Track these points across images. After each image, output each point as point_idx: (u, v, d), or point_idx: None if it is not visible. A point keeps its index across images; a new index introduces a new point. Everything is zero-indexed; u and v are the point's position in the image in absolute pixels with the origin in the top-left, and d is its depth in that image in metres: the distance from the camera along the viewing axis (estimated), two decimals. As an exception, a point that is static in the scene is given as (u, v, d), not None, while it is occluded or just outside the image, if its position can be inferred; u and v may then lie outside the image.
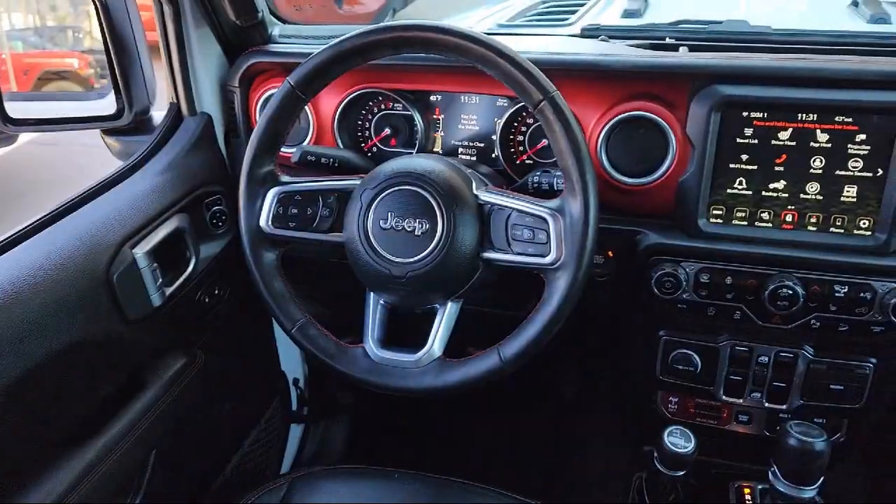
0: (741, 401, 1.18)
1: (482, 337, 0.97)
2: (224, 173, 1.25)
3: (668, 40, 1.19)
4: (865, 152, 0.98)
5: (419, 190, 0.93)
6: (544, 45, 1.18)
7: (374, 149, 1.25)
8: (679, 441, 1.11)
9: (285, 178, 1.01)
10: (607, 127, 1.06)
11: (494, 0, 2.11)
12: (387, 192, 0.94)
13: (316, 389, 1.73)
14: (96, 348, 0.96)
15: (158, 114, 1.26)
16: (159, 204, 1.09)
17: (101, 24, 1.15)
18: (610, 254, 1.11)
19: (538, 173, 1.06)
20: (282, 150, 1.19)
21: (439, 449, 1.78)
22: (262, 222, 1.00)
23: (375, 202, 0.94)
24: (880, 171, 0.98)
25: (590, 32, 1.23)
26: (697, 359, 1.16)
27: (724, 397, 1.18)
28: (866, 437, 1.21)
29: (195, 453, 1.30)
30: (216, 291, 1.23)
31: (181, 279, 1.12)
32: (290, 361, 1.63)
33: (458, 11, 2.08)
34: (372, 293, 1.01)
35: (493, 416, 1.81)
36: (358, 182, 0.98)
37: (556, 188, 1.02)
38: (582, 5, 1.78)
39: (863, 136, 0.97)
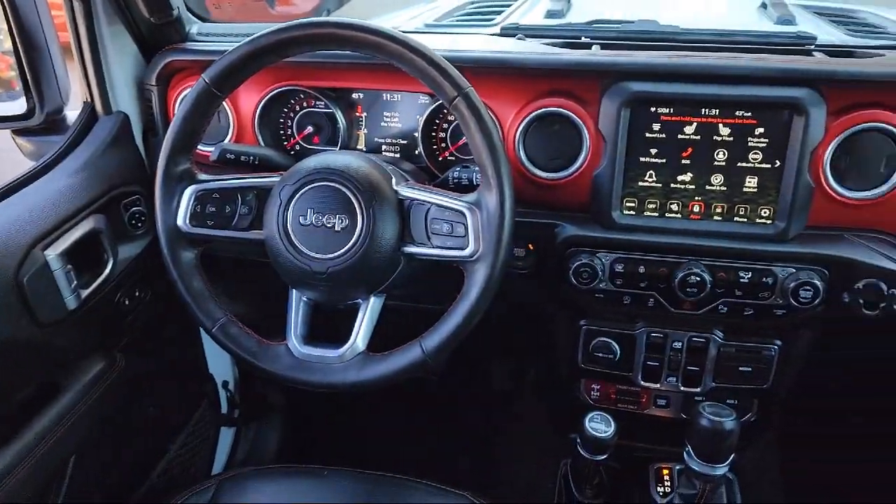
0: (658, 385, 1.23)
1: (410, 333, 0.98)
2: (143, 173, 1.23)
3: (583, 39, 1.23)
4: (764, 145, 1.03)
5: (338, 186, 0.94)
6: (462, 43, 1.20)
7: (297, 147, 1.25)
8: (600, 426, 1.15)
9: (203, 176, 1.00)
10: (524, 123, 1.09)
11: (428, 2, 2.14)
12: (306, 188, 0.94)
13: (247, 391, 1.72)
14: (7, 352, 0.94)
15: (73, 113, 1.23)
16: (73, 205, 1.06)
17: (7, 21, 1.12)
18: (530, 247, 1.14)
19: (458, 169, 1.08)
20: (201, 148, 1.19)
21: (375, 446, 1.78)
22: (180, 221, 0.99)
23: (295, 199, 0.95)
24: (778, 163, 1.03)
25: (508, 31, 1.26)
26: (616, 346, 1.21)
27: (642, 382, 1.23)
28: (776, 417, 1.28)
29: (118, 458, 1.27)
30: (137, 293, 1.20)
31: (98, 281, 1.09)
32: (219, 364, 1.61)
33: (391, 12, 2.09)
34: (294, 290, 1.01)
35: (428, 412, 1.83)
36: (277, 179, 0.98)
37: (474, 183, 1.05)
38: (508, 6, 1.82)
39: (761, 130, 1.03)
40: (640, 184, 1.08)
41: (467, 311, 0.93)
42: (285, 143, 1.25)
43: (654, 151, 1.07)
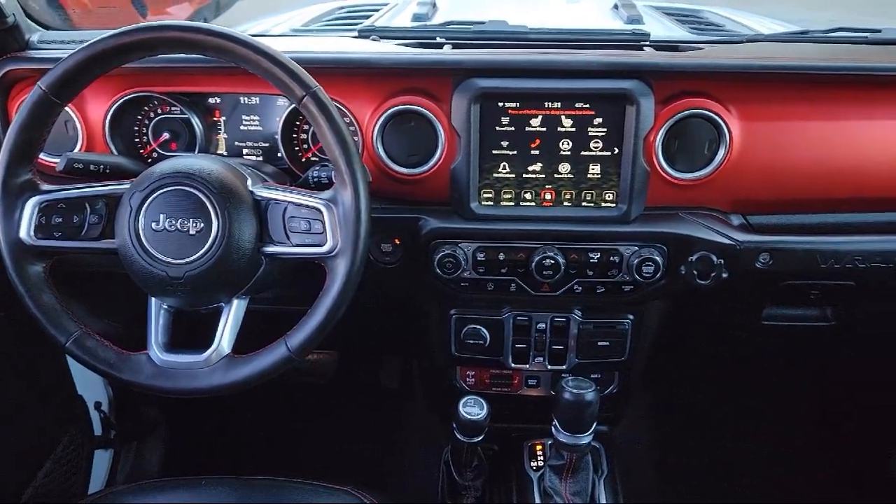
0: (528, 366, 1.30)
1: (280, 335, 0.99)
2: None
3: (437, 39, 1.27)
4: (603, 134, 1.11)
5: (190, 189, 0.93)
6: (317, 45, 1.22)
7: (155, 154, 1.22)
8: (473, 409, 1.19)
9: (46, 187, 0.97)
10: (380, 121, 1.12)
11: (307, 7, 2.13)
12: (157, 193, 0.93)
13: (124, 410, 1.65)
14: None
15: None
16: None
17: None
18: (397, 241, 1.17)
19: (317, 168, 1.10)
20: (48, 159, 1.15)
21: (264, 452, 1.77)
22: (23, 234, 0.95)
23: (146, 205, 0.93)
24: (616, 150, 1.11)
25: (364, 33, 1.29)
26: (486, 332, 1.26)
27: (512, 365, 1.30)
28: (635, 388, 1.38)
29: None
30: (-16, 315, 1.14)
31: None
32: (89, 385, 1.54)
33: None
34: (153, 298, 0.99)
35: (318, 414, 1.83)
36: (127, 186, 0.96)
37: (333, 181, 1.07)
38: (376, 11, 1.86)
39: (599, 120, 1.11)
40: (495, 175, 1.14)
41: (330, 306, 0.95)
42: (141, 150, 1.22)
43: (505, 144, 1.12)
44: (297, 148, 1.21)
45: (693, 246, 1.13)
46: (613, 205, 1.14)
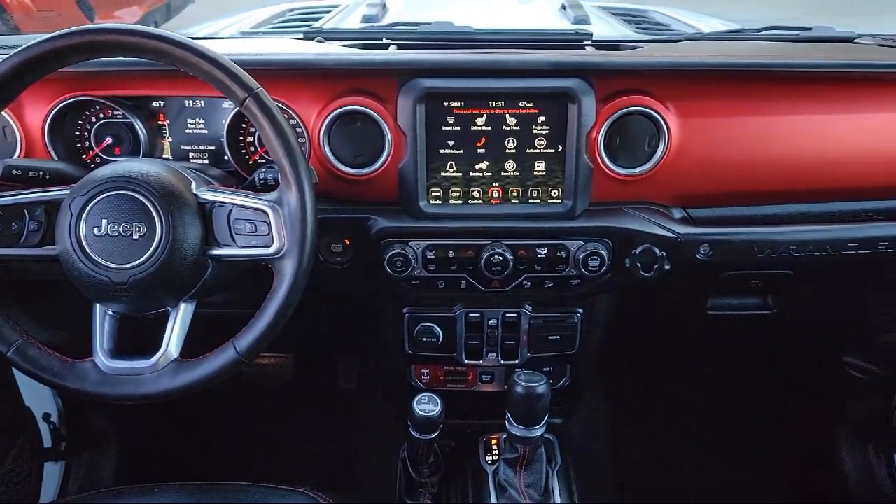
0: (481, 362, 1.32)
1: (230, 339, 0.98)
2: None
3: (384, 40, 1.28)
4: (546, 131, 1.13)
5: (132, 193, 0.93)
6: (262, 48, 1.21)
7: (98, 159, 1.20)
8: (427, 406, 1.21)
9: None
10: (326, 121, 1.12)
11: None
12: (98, 198, 0.93)
13: (74, 421, 1.62)
14: None
15: None
16: None
17: None
18: (347, 241, 1.18)
19: (263, 170, 1.10)
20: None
21: (221, 457, 1.75)
22: None
23: (87, 210, 0.93)
24: (560, 147, 1.14)
25: (310, 35, 1.29)
26: (439, 329, 1.28)
27: (466, 361, 1.31)
28: (586, 380, 1.41)
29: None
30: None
31: None
32: (37, 395, 1.51)
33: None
34: (97, 304, 0.98)
35: (276, 418, 1.83)
36: (67, 192, 0.95)
37: (279, 182, 1.07)
38: (327, 12, 1.86)
39: (543, 118, 1.13)
40: (443, 174, 1.15)
41: (278, 307, 0.95)
42: (83, 156, 1.20)
43: (451, 143, 1.14)
44: (243, 150, 1.21)
45: (636, 239, 1.16)
46: (559, 201, 1.16)
